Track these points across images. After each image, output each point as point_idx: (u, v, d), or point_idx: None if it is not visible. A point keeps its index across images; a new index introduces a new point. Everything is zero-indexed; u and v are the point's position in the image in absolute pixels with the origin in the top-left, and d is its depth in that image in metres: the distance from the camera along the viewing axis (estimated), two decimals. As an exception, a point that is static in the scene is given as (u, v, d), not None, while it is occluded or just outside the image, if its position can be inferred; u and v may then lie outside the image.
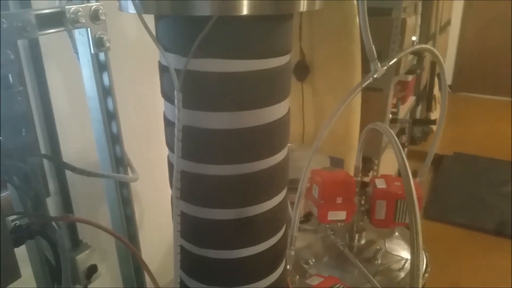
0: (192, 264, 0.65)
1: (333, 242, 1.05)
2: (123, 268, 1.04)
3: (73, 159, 1.00)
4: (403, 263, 0.98)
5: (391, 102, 2.13)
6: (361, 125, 1.78)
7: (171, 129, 0.57)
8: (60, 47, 0.95)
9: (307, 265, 0.99)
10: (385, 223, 0.98)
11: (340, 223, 1.05)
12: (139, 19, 0.51)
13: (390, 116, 2.23)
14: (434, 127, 3.38)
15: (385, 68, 0.85)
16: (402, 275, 0.96)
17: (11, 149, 0.64)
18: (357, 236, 1.05)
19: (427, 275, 1.00)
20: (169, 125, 0.59)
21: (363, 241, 1.06)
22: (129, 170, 0.94)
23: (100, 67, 0.81)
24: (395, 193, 0.95)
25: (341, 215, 0.96)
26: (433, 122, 3.40)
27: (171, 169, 0.59)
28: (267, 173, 0.59)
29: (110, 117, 0.86)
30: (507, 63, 4.41)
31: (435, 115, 3.49)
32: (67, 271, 0.68)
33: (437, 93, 3.52)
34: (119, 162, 0.91)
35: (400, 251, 1.03)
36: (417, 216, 0.66)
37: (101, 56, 0.81)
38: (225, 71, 0.51)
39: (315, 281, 0.86)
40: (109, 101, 0.85)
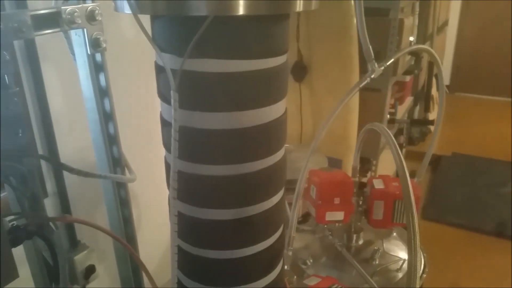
0: (189, 264, 0.65)
1: (331, 242, 1.05)
2: (121, 268, 1.03)
3: (71, 160, 1.00)
4: (401, 263, 0.98)
5: (389, 102, 2.14)
6: (359, 126, 1.78)
7: (167, 130, 0.57)
8: (56, 48, 0.95)
9: (305, 265, 0.99)
10: (383, 224, 0.98)
11: (338, 224, 1.05)
12: (135, 19, 0.51)
13: (388, 116, 2.24)
14: (432, 128, 3.38)
15: (383, 68, 0.86)
16: (400, 275, 0.96)
17: (7, 150, 0.64)
18: (355, 236, 1.05)
19: (424, 275, 1.00)
20: (166, 126, 0.59)
21: (361, 242, 1.06)
22: (127, 170, 0.94)
23: (96, 68, 0.81)
24: (393, 193, 0.95)
25: (339, 215, 0.96)
26: (431, 122, 3.40)
27: (168, 169, 0.59)
28: (264, 173, 0.59)
29: (107, 117, 0.86)
30: (505, 63, 4.42)
31: (433, 115, 3.49)
32: (65, 271, 0.68)
33: (435, 93, 3.53)
34: (116, 162, 0.91)
35: (398, 251, 1.03)
36: (415, 216, 0.66)
37: (98, 56, 0.81)
38: (222, 71, 0.51)
39: (313, 282, 0.86)
40: (106, 102, 0.85)
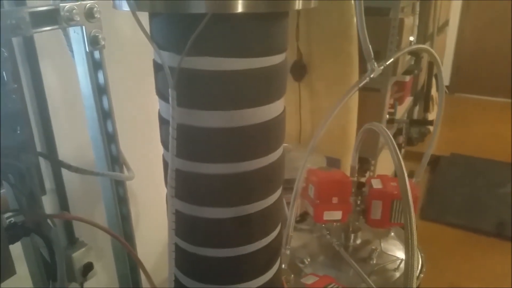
0: (187, 262, 0.65)
1: (329, 241, 1.05)
2: (119, 266, 1.04)
3: (69, 158, 1.00)
4: (398, 263, 0.98)
5: (388, 102, 2.14)
6: (358, 126, 1.78)
7: (166, 128, 0.56)
8: (55, 46, 0.95)
9: (302, 264, 0.99)
10: (380, 223, 0.98)
11: (335, 223, 1.05)
12: (133, 17, 0.51)
13: (387, 116, 2.24)
14: (431, 128, 3.38)
15: (382, 68, 0.85)
16: (397, 275, 0.96)
17: (6, 147, 0.64)
18: (352, 236, 1.05)
19: (422, 275, 1.00)
20: (164, 124, 0.59)
21: (358, 241, 1.06)
22: (125, 168, 0.94)
23: (95, 65, 0.81)
24: (391, 193, 0.95)
25: (337, 215, 0.96)
26: (430, 122, 3.40)
27: (166, 167, 0.59)
28: (262, 172, 0.59)
29: (105, 115, 0.86)
30: (505, 64, 4.42)
31: (432, 115, 3.49)
32: (62, 268, 0.68)
33: (435, 93, 3.53)
34: (115, 160, 0.91)
35: (395, 251, 1.03)
36: (412, 216, 0.66)
37: (96, 54, 0.80)
38: (220, 70, 0.51)
39: (310, 280, 0.86)
40: (104, 100, 0.85)
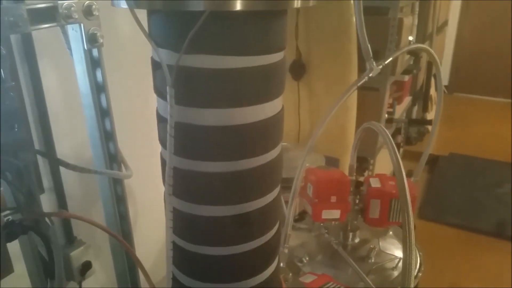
0: (185, 260, 0.65)
1: (327, 240, 1.05)
2: (117, 265, 1.03)
3: (67, 156, 1.00)
4: (397, 262, 0.98)
5: (387, 102, 2.14)
6: (356, 125, 1.78)
7: (163, 126, 0.56)
8: (53, 43, 0.94)
9: (300, 263, 0.99)
10: (379, 222, 0.98)
11: (334, 222, 1.05)
12: (131, 14, 0.50)
13: (386, 116, 2.24)
14: (430, 128, 3.39)
15: (381, 67, 0.85)
16: (395, 274, 0.96)
17: (3, 145, 0.64)
18: (351, 234, 1.05)
19: (420, 274, 1.00)
20: (162, 122, 0.59)
21: (357, 240, 1.06)
22: (123, 167, 0.94)
23: (93, 63, 0.81)
24: (389, 192, 0.95)
25: (335, 213, 0.96)
26: (429, 122, 3.41)
27: (164, 165, 0.59)
28: (261, 170, 0.59)
29: (103, 113, 0.86)
30: (503, 64, 4.42)
31: (431, 115, 3.49)
32: (60, 266, 0.68)
33: (434, 93, 3.53)
34: (113, 159, 0.91)
35: (393, 250, 1.03)
36: (410, 215, 0.66)
37: (94, 52, 0.80)
38: (218, 68, 0.51)
39: (308, 279, 0.86)
40: (103, 98, 0.85)
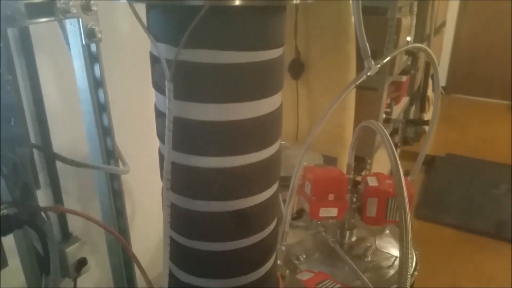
0: (182, 256, 0.65)
1: (324, 238, 1.05)
2: (113, 261, 1.03)
3: (64, 151, 1.00)
4: (393, 260, 0.98)
5: (385, 101, 2.14)
6: (354, 125, 1.78)
7: (162, 120, 0.56)
8: (51, 38, 0.94)
9: (297, 261, 0.99)
10: (376, 221, 0.98)
11: (331, 220, 1.05)
12: (130, 9, 0.50)
13: (383, 116, 2.24)
14: (427, 128, 3.39)
15: (379, 66, 0.85)
16: (391, 272, 0.96)
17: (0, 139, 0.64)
18: (348, 233, 1.05)
19: (416, 273, 1.00)
20: (160, 116, 0.58)
21: (354, 238, 1.06)
22: (120, 162, 0.94)
23: (91, 59, 0.81)
24: (386, 191, 0.95)
25: (333, 212, 0.96)
26: (426, 122, 3.41)
27: (162, 160, 0.58)
28: (258, 166, 0.59)
29: (101, 109, 0.86)
30: (501, 66, 4.43)
31: (428, 116, 3.50)
32: (56, 261, 0.67)
33: (431, 94, 3.54)
34: (110, 154, 0.90)
35: (390, 248, 1.04)
36: (407, 213, 0.66)
37: (93, 47, 0.80)
38: (217, 62, 0.51)
39: (305, 277, 0.86)
40: (100, 93, 0.84)
